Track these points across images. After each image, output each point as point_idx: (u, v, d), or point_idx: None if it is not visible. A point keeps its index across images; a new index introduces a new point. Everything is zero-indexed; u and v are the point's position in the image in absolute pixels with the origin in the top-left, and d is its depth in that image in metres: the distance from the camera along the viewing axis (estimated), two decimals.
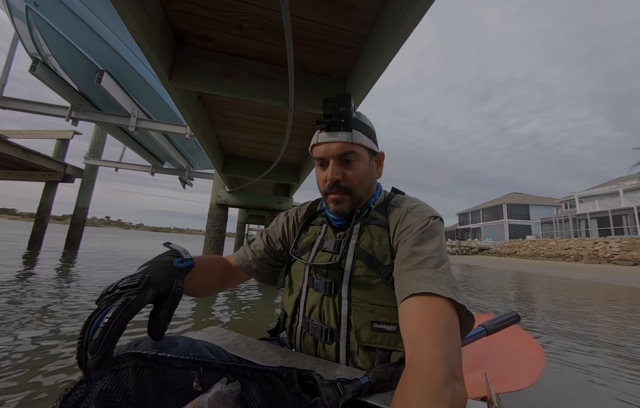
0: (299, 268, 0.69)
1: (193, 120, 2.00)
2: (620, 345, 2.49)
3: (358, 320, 0.58)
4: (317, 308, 0.62)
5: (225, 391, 0.42)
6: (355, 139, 0.62)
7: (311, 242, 0.71)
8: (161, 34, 1.30)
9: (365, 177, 0.65)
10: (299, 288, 0.68)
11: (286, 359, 0.60)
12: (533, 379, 0.68)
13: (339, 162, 0.63)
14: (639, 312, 4.11)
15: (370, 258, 0.60)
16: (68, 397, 0.39)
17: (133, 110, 4.52)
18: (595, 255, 17.52)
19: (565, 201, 30.43)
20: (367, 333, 0.57)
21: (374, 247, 0.61)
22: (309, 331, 0.63)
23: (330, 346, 0.60)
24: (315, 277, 0.64)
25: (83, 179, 8.30)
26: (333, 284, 0.61)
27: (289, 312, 0.68)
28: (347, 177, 0.63)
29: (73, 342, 1.81)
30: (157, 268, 0.46)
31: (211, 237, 4.64)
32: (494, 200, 38.48)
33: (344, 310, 0.59)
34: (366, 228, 0.64)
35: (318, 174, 0.67)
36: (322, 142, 0.63)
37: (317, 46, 1.45)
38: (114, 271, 5.09)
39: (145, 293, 0.41)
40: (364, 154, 0.64)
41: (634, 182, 22.50)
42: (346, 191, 0.64)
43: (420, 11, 0.97)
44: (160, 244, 0.59)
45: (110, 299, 0.38)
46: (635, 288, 7.23)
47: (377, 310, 0.57)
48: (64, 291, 3.20)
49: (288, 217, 0.81)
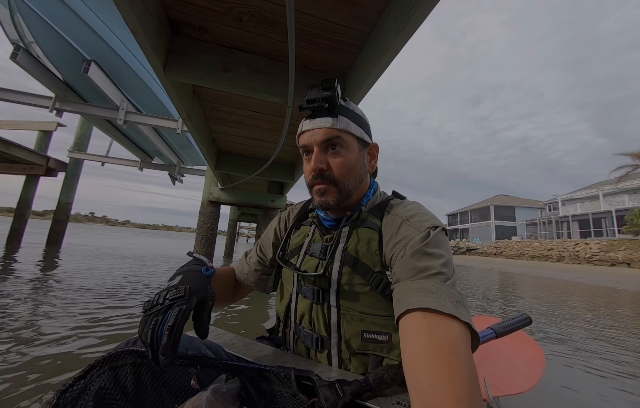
0: (289, 272, 0.66)
1: (187, 115, 1.95)
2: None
3: (348, 329, 0.55)
4: (306, 315, 0.59)
5: (224, 388, 0.42)
6: (341, 125, 0.57)
7: (300, 244, 0.67)
8: (157, 22, 1.25)
9: (354, 168, 0.59)
10: (289, 293, 0.65)
11: (281, 360, 0.59)
12: (533, 382, 0.66)
13: (323, 150, 0.58)
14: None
15: (358, 264, 0.56)
16: (65, 392, 0.39)
17: (122, 103, 4.37)
18: (576, 255, 18.24)
19: (549, 204, 31.54)
20: (358, 343, 0.54)
21: (363, 252, 0.56)
22: (300, 338, 0.61)
23: (322, 354, 0.58)
24: (303, 284, 0.61)
25: (67, 173, 7.98)
26: (321, 292, 0.57)
27: (281, 317, 0.66)
28: (333, 166, 0.58)
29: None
30: (192, 278, 0.50)
31: (202, 234, 4.55)
32: (482, 202, 39.47)
33: (333, 319, 0.56)
34: (355, 232, 0.59)
35: (304, 166, 0.62)
36: (305, 129, 0.59)
37: (317, 42, 1.44)
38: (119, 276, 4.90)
39: (191, 302, 0.46)
40: (352, 142, 0.59)
41: (613, 186, 23.54)
42: (331, 181, 0.58)
43: (425, 10, 0.97)
44: (152, 242, 0.57)
45: (163, 310, 0.44)
46: (613, 288, 7.57)
47: (368, 319, 0.54)
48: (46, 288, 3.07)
49: (280, 219, 0.78)
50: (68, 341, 1.78)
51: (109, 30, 3.83)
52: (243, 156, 3.54)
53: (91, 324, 2.11)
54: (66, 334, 1.88)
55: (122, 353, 0.45)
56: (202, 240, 4.55)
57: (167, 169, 8.19)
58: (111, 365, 0.44)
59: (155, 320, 0.42)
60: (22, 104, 4.29)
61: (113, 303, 2.73)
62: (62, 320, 2.14)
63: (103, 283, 3.58)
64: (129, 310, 2.56)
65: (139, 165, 8.15)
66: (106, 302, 2.75)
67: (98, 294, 3.02)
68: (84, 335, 1.90)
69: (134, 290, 3.35)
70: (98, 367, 0.43)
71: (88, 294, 2.98)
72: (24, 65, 4.05)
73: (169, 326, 0.41)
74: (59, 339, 1.80)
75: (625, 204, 22.21)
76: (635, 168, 20.29)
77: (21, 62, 3.97)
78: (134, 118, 4.46)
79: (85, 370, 0.42)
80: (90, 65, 3.70)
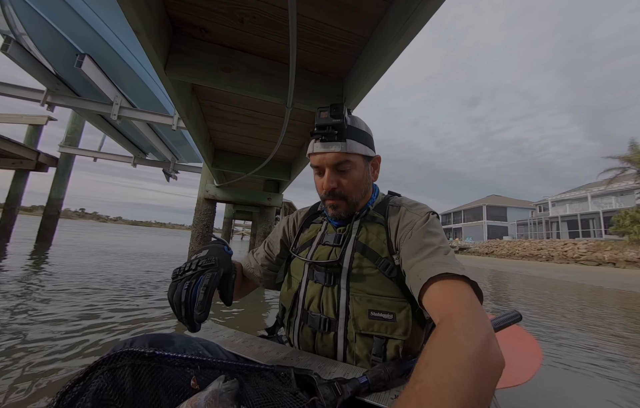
0: (299, 264, 0.72)
1: (186, 113, 1.95)
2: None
3: (356, 308, 0.60)
4: (316, 299, 0.65)
5: (223, 389, 0.42)
6: (349, 149, 0.64)
7: (311, 238, 0.74)
8: (158, 22, 1.25)
9: (360, 183, 0.68)
10: (298, 282, 0.70)
11: (281, 355, 0.60)
12: (529, 374, 0.66)
13: (334, 171, 0.66)
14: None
15: (368, 251, 0.64)
16: (65, 394, 0.39)
17: (116, 98, 4.31)
18: (564, 255, 18.71)
19: (539, 204, 32.21)
20: (365, 321, 0.59)
21: (372, 241, 0.65)
22: (307, 323, 0.65)
23: (328, 336, 0.62)
24: (315, 270, 0.67)
25: (58, 168, 7.82)
26: (332, 275, 0.64)
27: (287, 306, 0.70)
28: (343, 184, 0.66)
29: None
30: (219, 252, 0.55)
31: (198, 232, 4.54)
32: (474, 202, 40.05)
33: (342, 300, 0.62)
34: (364, 226, 0.68)
35: (316, 179, 0.71)
36: (317, 152, 0.66)
37: (317, 45, 1.46)
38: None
39: (220, 271, 0.51)
40: (358, 161, 0.67)
41: (601, 188, 24.17)
42: (342, 197, 0.67)
43: (424, 18, 1.00)
44: (149, 239, 0.59)
45: (197, 274, 0.50)
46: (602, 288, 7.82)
47: (375, 300, 0.60)
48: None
49: (289, 219, 0.85)
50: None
51: (104, 24, 3.77)
52: (240, 154, 3.54)
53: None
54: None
55: (120, 354, 0.45)
56: (197, 237, 4.53)
57: (162, 165, 8.10)
58: (110, 366, 0.44)
59: (189, 282, 0.48)
60: (12, 96, 4.19)
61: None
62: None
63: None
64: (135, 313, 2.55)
65: (132, 161, 8.04)
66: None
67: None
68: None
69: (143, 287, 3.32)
70: (97, 369, 0.42)
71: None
72: (15, 58, 3.96)
73: (204, 285, 0.47)
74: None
75: (612, 206, 22.84)
76: (623, 171, 20.86)
77: (12, 55, 3.88)
78: (128, 113, 4.40)
79: (85, 371, 0.42)
80: (84, 59, 3.64)
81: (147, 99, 4.94)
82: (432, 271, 0.51)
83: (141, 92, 4.78)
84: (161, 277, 4.18)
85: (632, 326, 3.44)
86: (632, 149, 19.76)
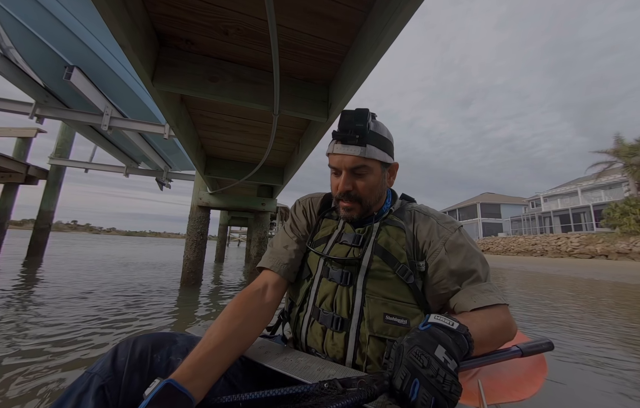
0: (313, 259, 0.71)
1: (175, 122, 1.97)
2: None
3: (372, 311, 0.60)
4: (329, 297, 0.64)
5: None
6: (368, 154, 0.65)
7: (327, 235, 0.74)
8: (144, 36, 1.28)
9: (375, 189, 0.69)
10: (311, 277, 0.70)
11: (281, 357, 0.60)
12: (533, 390, 0.62)
13: (350, 173, 0.67)
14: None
15: (386, 255, 0.64)
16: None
17: (106, 109, 4.29)
18: (558, 249, 19.02)
19: (532, 200, 32.72)
20: (380, 324, 0.59)
21: (391, 245, 0.65)
22: (318, 320, 0.64)
23: (339, 335, 0.61)
24: (331, 268, 0.67)
25: (48, 181, 7.72)
26: (349, 275, 0.64)
27: (297, 301, 0.70)
28: (358, 187, 0.67)
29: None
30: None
31: (193, 240, 4.52)
32: (469, 200, 40.49)
33: (357, 301, 0.61)
34: (384, 228, 0.68)
35: (332, 179, 0.71)
36: (337, 152, 0.67)
37: (300, 53, 1.50)
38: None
39: None
40: (376, 167, 0.68)
41: (590, 183, 24.69)
42: (356, 200, 0.68)
43: (399, 26, 1.05)
44: (156, 250, 0.60)
45: None
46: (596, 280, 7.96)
47: (390, 304, 0.60)
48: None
49: (305, 208, 0.82)
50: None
51: (92, 36, 3.78)
52: (232, 161, 3.56)
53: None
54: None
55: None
56: (192, 245, 4.51)
57: (154, 174, 8.04)
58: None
59: None
60: (0, 110, 4.15)
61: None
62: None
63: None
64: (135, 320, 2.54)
65: (124, 171, 7.97)
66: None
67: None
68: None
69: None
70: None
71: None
72: (2, 71, 3.93)
73: None
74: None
75: (602, 199, 23.33)
76: (611, 164, 21.36)
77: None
78: (119, 124, 4.38)
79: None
80: (73, 70, 3.63)
81: (138, 109, 4.94)
82: (487, 300, 0.59)
83: (132, 101, 4.78)
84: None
85: None
86: (618, 143, 20.28)
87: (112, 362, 0.48)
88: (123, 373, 0.47)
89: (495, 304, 0.59)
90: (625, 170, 19.42)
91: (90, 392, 0.43)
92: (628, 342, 2.50)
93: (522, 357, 0.60)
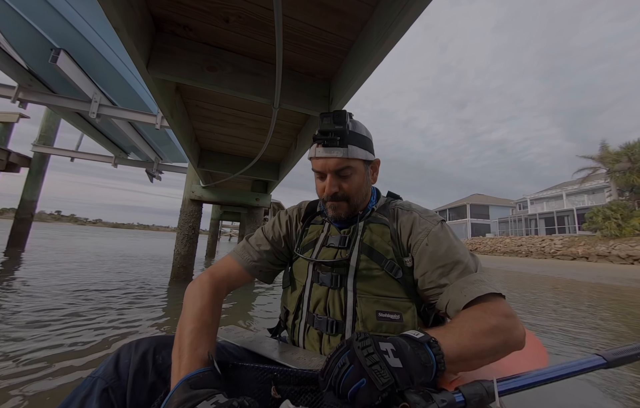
0: (302, 266, 0.71)
1: (170, 112, 1.90)
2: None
3: (364, 310, 0.61)
4: (322, 302, 0.65)
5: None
6: (350, 155, 0.65)
7: (314, 239, 0.74)
8: (140, 19, 1.22)
9: (361, 187, 0.70)
10: (302, 284, 0.70)
11: (296, 355, 0.62)
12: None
13: (336, 175, 0.67)
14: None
15: (373, 252, 0.64)
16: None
17: (94, 95, 4.11)
18: (542, 251, 19.64)
19: (519, 202, 33.61)
20: (373, 322, 0.60)
21: (377, 243, 0.65)
22: (313, 325, 0.64)
23: (335, 338, 0.61)
24: (321, 272, 0.67)
25: (31, 169, 7.40)
26: (339, 277, 0.64)
27: (291, 309, 0.70)
28: (344, 189, 0.68)
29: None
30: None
31: (184, 234, 4.42)
32: (458, 201, 41.25)
33: (349, 302, 0.62)
34: (368, 227, 0.69)
35: (317, 183, 0.71)
36: (319, 156, 0.67)
37: (303, 46, 1.47)
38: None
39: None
40: (359, 166, 0.68)
41: (575, 187, 25.53)
42: (343, 199, 0.68)
43: (406, 24, 1.03)
44: (151, 243, 0.58)
45: None
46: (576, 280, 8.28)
47: (382, 300, 0.61)
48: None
49: (290, 216, 0.81)
50: None
51: (82, 18, 3.61)
52: (227, 154, 3.49)
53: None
54: None
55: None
56: (183, 239, 4.42)
57: (145, 165, 7.81)
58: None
59: None
60: None
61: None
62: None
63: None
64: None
65: (113, 162, 7.72)
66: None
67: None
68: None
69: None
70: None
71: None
72: None
73: None
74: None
75: (585, 203, 24.19)
76: (595, 170, 22.12)
77: None
78: (108, 112, 4.22)
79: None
80: (60, 54, 3.45)
81: (128, 97, 4.76)
82: (478, 290, 0.55)
83: (122, 89, 4.60)
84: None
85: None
86: (603, 149, 21.01)
87: (115, 365, 0.49)
88: (127, 375, 0.48)
89: (489, 294, 0.54)
90: (609, 175, 20.17)
91: (94, 395, 0.45)
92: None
93: (607, 368, 0.53)
